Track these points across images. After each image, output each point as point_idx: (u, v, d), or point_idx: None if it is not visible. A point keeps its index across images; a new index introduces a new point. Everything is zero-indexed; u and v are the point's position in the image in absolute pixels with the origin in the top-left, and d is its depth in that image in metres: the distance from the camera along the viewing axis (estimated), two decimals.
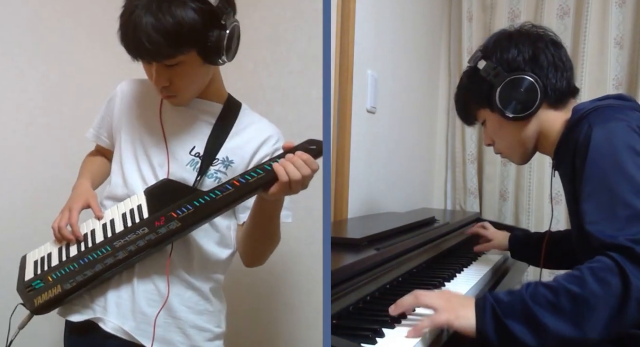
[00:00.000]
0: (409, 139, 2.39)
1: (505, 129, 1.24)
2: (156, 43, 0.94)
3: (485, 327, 0.87)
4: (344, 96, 1.71)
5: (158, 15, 0.93)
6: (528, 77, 1.16)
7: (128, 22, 0.96)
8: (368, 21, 1.85)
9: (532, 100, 1.16)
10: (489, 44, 1.24)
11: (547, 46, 1.19)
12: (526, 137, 1.23)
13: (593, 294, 0.85)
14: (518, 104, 1.17)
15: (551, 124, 1.20)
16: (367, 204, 1.93)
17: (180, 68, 1.01)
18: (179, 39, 0.96)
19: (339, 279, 0.98)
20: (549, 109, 1.20)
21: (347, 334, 0.87)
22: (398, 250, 1.28)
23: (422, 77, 2.56)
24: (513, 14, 2.60)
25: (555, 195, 2.50)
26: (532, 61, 1.17)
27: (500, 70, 1.18)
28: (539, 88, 1.16)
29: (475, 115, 1.30)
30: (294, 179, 0.94)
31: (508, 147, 1.29)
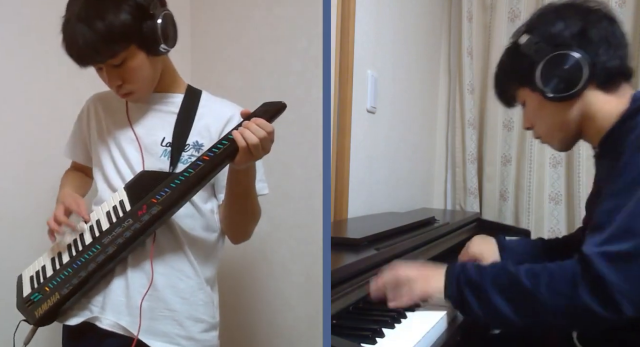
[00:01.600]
0: (409, 139, 2.39)
1: (546, 110, 1.13)
2: (93, 47, 1.01)
3: (451, 291, 0.98)
4: (344, 96, 1.71)
5: (89, 22, 1.00)
6: (573, 53, 1.05)
7: (65, 33, 1.04)
8: (368, 21, 1.85)
9: (577, 78, 1.05)
10: (534, 17, 1.13)
11: (599, 20, 1.08)
12: (568, 121, 1.12)
13: (539, 293, 0.89)
14: (561, 82, 1.06)
15: (599, 107, 1.08)
16: (367, 204, 1.93)
17: (127, 65, 1.07)
18: (113, 37, 1.01)
19: (339, 279, 0.98)
20: (598, 91, 1.08)
21: (347, 334, 0.87)
22: (398, 250, 1.28)
23: (422, 77, 2.56)
24: (513, 14, 2.59)
25: (555, 195, 2.51)
26: (580, 36, 1.06)
27: (543, 45, 1.07)
28: (585, 66, 1.04)
29: (514, 95, 1.21)
30: (251, 144, 0.98)
31: (548, 131, 1.18)
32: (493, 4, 2.64)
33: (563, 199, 2.48)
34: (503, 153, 2.63)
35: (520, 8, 2.58)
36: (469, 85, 2.64)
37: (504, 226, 2.25)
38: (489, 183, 2.67)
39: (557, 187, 2.50)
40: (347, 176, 1.73)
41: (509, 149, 2.61)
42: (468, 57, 2.64)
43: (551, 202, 2.50)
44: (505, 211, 2.62)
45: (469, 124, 2.65)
